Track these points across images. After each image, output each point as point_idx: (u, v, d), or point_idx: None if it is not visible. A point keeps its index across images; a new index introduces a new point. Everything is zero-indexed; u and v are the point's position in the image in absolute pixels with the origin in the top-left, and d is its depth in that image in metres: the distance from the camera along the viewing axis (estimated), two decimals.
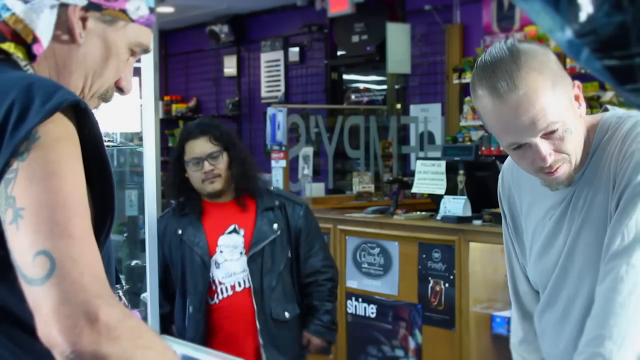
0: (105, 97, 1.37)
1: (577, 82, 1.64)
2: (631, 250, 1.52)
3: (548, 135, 1.58)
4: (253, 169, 3.26)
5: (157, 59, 4.41)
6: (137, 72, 3.82)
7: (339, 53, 9.53)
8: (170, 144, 12.07)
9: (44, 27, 1.26)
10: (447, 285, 4.34)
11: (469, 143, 7.35)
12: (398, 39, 7.92)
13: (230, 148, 3.21)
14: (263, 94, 10.60)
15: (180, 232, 3.23)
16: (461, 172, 4.36)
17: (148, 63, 3.72)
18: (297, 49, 10.08)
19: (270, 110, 6.10)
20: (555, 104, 1.56)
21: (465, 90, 7.81)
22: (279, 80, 10.40)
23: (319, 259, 3.28)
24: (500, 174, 1.92)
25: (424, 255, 4.44)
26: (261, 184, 3.29)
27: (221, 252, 3.16)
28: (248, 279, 3.12)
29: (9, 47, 1.26)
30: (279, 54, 10.38)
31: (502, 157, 2.32)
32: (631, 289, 1.51)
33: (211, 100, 11.69)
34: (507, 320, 4.18)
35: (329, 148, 6.40)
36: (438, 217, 4.51)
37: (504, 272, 4.53)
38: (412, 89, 8.60)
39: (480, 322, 4.29)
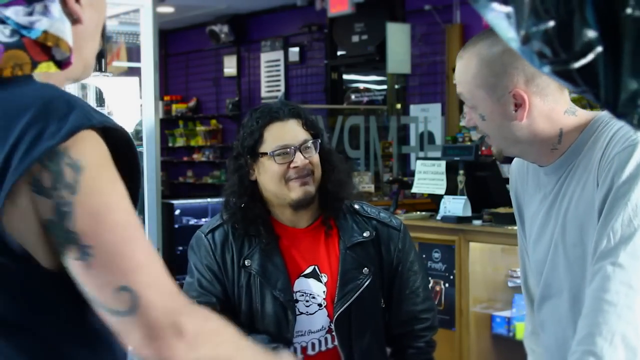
0: None
1: (523, 97, 1.70)
2: (618, 250, 1.56)
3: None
4: (344, 183, 2.30)
5: (157, 59, 4.42)
6: (137, 72, 3.84)
7: (339, 53, 9.54)
8: (170, 144, 12.10)
9: (69, 33, 1.24)
10: (447, 285, 4.34)
11: (469, 143, 7.35)
12: (398, 39, 7.92)
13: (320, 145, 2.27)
14: (263, 94, 10.60)
15: (248, 262, 2.26)
16: (461, 172, 4.36)
17: (148, 63, 3.73)
18: (297, 49, 10.09)
19: None
20: (473, 91, 1.80)
21: None
22: (279, 80, 10.41)
23: (417, 301, 2.37)
24: (511, 165, 1.98)
25: (424, 255, 4.43)
26: (348, 202, 2.35)
27: (296, 301, 2.26)
28: (327, 339, 2.28)
29: (43, 67, 1.22)
30: (279, 54, 10.39)
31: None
32: (618, 287, 1.55)
33: (211, 100, 11.70)
34: (507, 320, 4.18)
35: None
36: (438, 217, 4.51)
37: (504, 272, 4.53)
38: (412, 89, 8.60)
39: (480, 322, 4.29)
